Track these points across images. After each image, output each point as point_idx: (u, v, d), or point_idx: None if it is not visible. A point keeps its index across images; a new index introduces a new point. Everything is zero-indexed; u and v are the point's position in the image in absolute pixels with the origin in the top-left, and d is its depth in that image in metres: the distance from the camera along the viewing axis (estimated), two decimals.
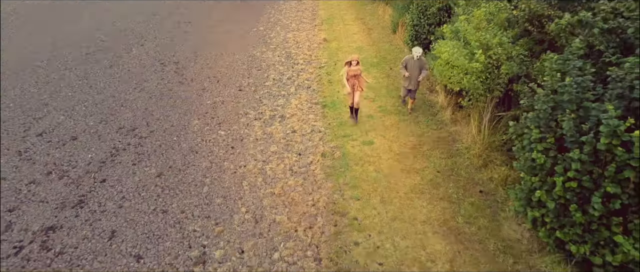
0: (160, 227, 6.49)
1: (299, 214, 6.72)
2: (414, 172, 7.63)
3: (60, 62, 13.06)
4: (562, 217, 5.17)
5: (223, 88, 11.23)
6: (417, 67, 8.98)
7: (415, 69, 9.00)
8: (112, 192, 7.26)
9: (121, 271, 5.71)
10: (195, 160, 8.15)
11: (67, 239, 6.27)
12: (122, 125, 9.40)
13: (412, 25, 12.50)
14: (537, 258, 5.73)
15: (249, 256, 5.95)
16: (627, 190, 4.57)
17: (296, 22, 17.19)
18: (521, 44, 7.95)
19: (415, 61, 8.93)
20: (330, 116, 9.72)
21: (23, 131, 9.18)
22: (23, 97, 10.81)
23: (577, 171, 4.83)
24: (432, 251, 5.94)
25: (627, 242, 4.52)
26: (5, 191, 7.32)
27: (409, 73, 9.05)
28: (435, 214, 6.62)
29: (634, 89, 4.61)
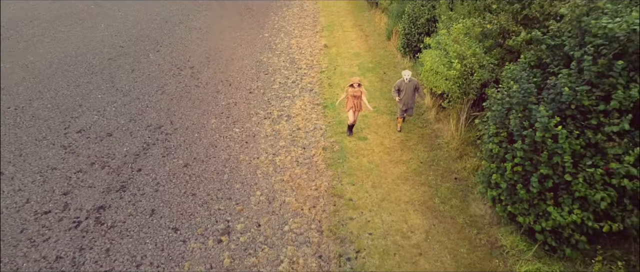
0: (191, 206, 7.94)
1: (304, 196, 8.17)
2: (400, 163, 9.08)
3: (86, 67, 14.50)
4: (513, 195, 6.60)
5: (235, 91, 12.68)
6: (411, 88, 9.63)
7: (409, 90, 9.63)
8: (147, 179, 8.71)
9: (163, 240, 7.16)
10: (216, 153, 9.59)
11: (116, 216, 7.72)
12: (150, 123, 10.85)
13: (404, 34, 13.96)
14: (496, 229, 7.18)
15: (265, 228, 7.39)
16: (557, 172, 6.01)
17: (299, 28, 18.64)
18: (494, 54, 9.40)
19: (408, 83, 9.60)
20: (330, 116, 11.16)
21: (64, 129, 10.62)
22: (58, 98, 12.25)
23: (521, 158, 6.27)
24: (412, 224, 7.39)
25: (556, 211, 5.96)
26: (57, 178, 8.76)
27: (404, 94, 9.64)
28: (417, 196, 8.07)
29: (562, 95, 6.04)
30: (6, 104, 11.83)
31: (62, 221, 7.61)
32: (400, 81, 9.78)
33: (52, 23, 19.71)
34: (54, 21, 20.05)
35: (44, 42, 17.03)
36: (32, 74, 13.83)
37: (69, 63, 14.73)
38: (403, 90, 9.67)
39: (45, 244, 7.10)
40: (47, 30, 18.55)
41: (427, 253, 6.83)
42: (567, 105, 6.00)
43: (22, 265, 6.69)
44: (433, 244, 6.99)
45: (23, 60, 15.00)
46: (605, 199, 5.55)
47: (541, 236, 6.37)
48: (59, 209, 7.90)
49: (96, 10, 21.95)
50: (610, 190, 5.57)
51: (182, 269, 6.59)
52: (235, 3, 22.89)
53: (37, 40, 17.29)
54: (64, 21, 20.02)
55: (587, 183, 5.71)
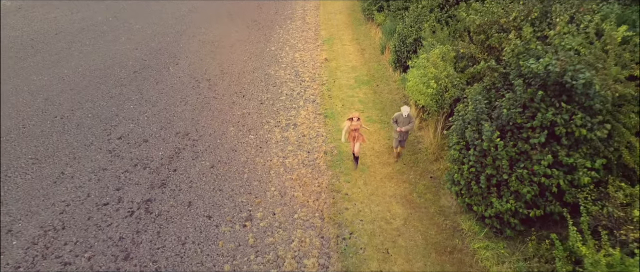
0: (219, 199, 10.06)
1: (309, 191, 10.29)
2: (387, 165, 11.21)
3: (115, 79, 16.62)
4: (469, 190, 8.72)
5: (248, 102, 14.80)
6: (407, 122, 10.55)
7: (405, 124, 10.57)
8: (182, 177, 10.84)
9: (200, 224, 9.29)
10: (236, 156, 11.72)
11: (161, 206, 9.85)
12: (178, 131, 12.98)
13: (395, 51, 16.08)
14: (458, 216, 9.30)
15: (279, 216, 9.52)
16: (499, 172, 8.12)
17: (302, 42, 20.75)
18: (466, 74, 11.50)
19: (405, 118, 10.50)
20: (330, 124, 13.28)
21: (106, 135, 12.75)
22: (96, 108, 14.37)
23: (474, 162, 8.39)
24: (394, 213, 9.52)
25: (497, 202, 8.08)
26: (109, 177, 10.89)
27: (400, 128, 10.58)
28: (399, 191, 10.20)
29: (503, 113, 8.14)
30: (53, 114, 13.95)
31: (119, 210, 9.74)
32: (398, 114, 10.67)
33: (76, 36, 21.82)
34: (77, 34, 22.16)
35: (73, 55, 19.14)
36: (69, 86, 15.94)
37: (100, 76, 16.84)
38: (400, 123, 10.57)
39: (109, 228, 9.23)
40: (73, 44, 20.65)
41: (404, 235, 8.96)
42: (506, 122, 8.12)
43: (94, 243, 8.83)
44: (409, 228, 9.13)
45: (59, 72, 17.11)
46: (530, 192, 7.67)
47: (489, 220, 8.51)
48: (115, 201, 10.03)
49: (115, 23, 24.05)
50: (534, 186, 7.70)
51: (217, 246, 8.73)
52: (243, 16, 24.99)
53: (67, 53, 19.40)
54: (87, 34, 22.12)
55: (519, 180, 7.83)
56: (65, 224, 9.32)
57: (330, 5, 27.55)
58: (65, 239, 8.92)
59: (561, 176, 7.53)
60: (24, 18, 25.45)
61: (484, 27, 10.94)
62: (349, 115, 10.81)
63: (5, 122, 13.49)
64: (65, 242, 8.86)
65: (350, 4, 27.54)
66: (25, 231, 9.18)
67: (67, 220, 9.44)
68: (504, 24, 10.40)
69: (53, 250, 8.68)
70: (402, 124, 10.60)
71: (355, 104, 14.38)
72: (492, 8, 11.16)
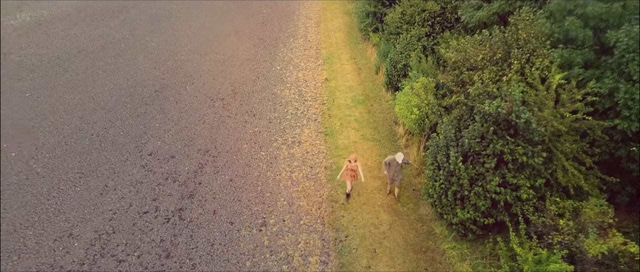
0: (239, 208, 12.36)
1: (312, 202, 12.60)
2: (377, 178, 13.50)
3: (139, 98, 18.90)
4: (440, 202, 11.01)
5: (258, 120, 17.09)
6: (399, 168, 11.70)
7: (397, 167, 11.68)
8: (207, 189, 13.14)
9: (224, 229, 11.58)
10: (250, 171, 14.01)
11: (191, 214, 12.14)
12: (200, 148, 15.27)
13: (387, 74, 18.36)
14: (433, 223, 11.61)
15: (288, 222, 11.82)
16: (462, 189, 10.40)
17: (304, 60, 23.03)
18: (443, 102, 13.75)
19: (399, 164, 11.62)
20: (329, 142, 15.58)
21: (138, 152, 15.04)
22: (125, 127, 16.65)
23: (443, 180, 10.67)
24: (381, 220, 11.82)
25: (461, 212, 10.37)
26: (145, 189, 13.18)
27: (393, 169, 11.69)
28: (386, 202, 12.49)
29: (465, 143, 10.41)
30: (89, 132, 16.23)
31: (157, 218, 12.05)
32: (391, 158, 11.77)
33: (98, 54, 24.09)
34: (99, 52, 24.43)
35: (98, 73, 21.42)
36: (100, 105, 18.23)
37: (125, 95, 19.13)
38: (392, 166, 11.79)
39: (151, 232, 11.54)
40: (96, 62, 22.92)
41: (389, 237, 11.27)
42: (468, 149, 10.41)
43: (141, 245, 11.13)
44: (393, 232, 11.43)
45: (88, 92, 19.40)
46: (485, 205, 9.97)
47: (455, 226, 10.82)
48: (153, 210, 12.34)
49: (132, 40, 26.32)
50: (488, 200, 9.99)
51: (239, 246, 11.03)
52: (250, 34, 27.24)
53: (92, 72, 21.67)
54: (107, 52, 24.39)
55: (476, 196, 10.12)
56: (115, 229, 11.63)
57: (331, 22, 29.81)
58: (117, 241, 11.23)
59: (508, 192, 9.83)
60: (46, 35, 27.71)
61: (457, 63, 13.22)
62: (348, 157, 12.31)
63: (49, 139, 15.78)
64: (117, 243, 11.17)
65: (349, 21, 29.81)
66: (83, 234, 11.48)
67: (116, 225, 11.75)
68: (473, 63, 12.67)
69: (108, 250, 10.99)
70: (394, 167, 11.76)
71: (351, 123, 16.67)
72: (465, 46, 13.43)
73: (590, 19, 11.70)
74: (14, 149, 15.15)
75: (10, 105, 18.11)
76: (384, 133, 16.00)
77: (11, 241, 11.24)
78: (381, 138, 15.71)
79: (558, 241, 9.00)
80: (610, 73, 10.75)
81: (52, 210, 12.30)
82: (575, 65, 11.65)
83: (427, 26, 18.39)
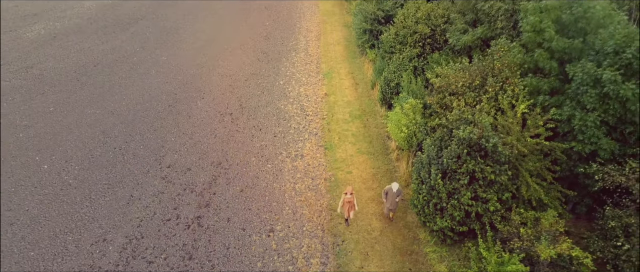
0: (249, 216, 14.27)
1: (313, 210, 14.50)
2: (371, 189, 15.41)
3: (155, 113, 20.78)
4: (424, 211, 12.91)
5: (264, 135, 18.98)
6: (395, 195, 13.06)
7: (394, 196, 13.07)
8: (221, 199, 15.04)
9: (237, 235, 13.49)
10: (258, 182, 15.92)
11: (208, 221, 14.05)
12: (213, 160, 17.17)
13: (381, 90, 20.25)
14: (418, 230, 13.53)
15: (292, 228, 13.73)
16: (441, 201, 12.30)
17: (305, 75, 24.92)
18: (430, 121, 15.63)
19: (395, 192, 13.02)
20: (329, 155, 17.48)
21: (158, 164, 16.94)
22: (144, 141, 18.54)
23: (426, 193, 12.58)
24: (373, 227, 13.73)
25: (440, 220, 12.27)
26: (167, 199, 15.08)
27: (390, 198, 13.12)
28: (378, 210, 14.40)
29: (444, 162, 12.30)
30: (112, 146, 18.14)
31: (179, 224, 13.96)
32: (389, 188, 13.16)
33: (113, 68, 25.97)
34: (113, 66, 26.31)
35: (114, 88, 23.31)
36: (119, 119, 20.13)
37: (141, 109, 21.02)
38: (390, 195, 13.13)
39: (174, 237, 13.45)
40: (111, 76, 24.80)
41: (379, 242, 13.18)
42: (446, 167, 12.31)
43: (166, 248, 13.04)
44: (383, 237, 13.34)
45: (107, 106, 21.29)
46: (459, 215, 11.88)
47: (436, 233, 12.73)
48: (174, 218, 14.25)
49: (143, 54, 28.20)
50: (462, 211, 11.89)
51: (251, 250, 12.94)
52: (253, 47, 29.13)
53: (109, 86, 23.55)
54: (122, 66, 26.27)
55: (453, 207, 12.03)
56: (143, 234, 13.55)
57: (330, 35, 31.69)
58: (145, 245, 13.15)
59: (479, 205, 11.75)
60: (61, 48, 29.59)
61: (441, 88, 15.11)
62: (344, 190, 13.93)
63: (76, 152, 17.68)
64: (146, 247, 13.09)
65: (347, 34, 31.70)
66: (115, 239, 13.40)
67: (144, 231, 13.67)
68: (454, 88, 14.56)
69: (139, 253, 12.90)
70: (391, 198, 13.21)
71: (349, 138, 18.58)
72: (448, 73, 15.31)
73: (555, 52, 13.59)
74: (46, 161, 17.06)
75: (37, 119, 20.01)
76: (378, 147, 17.91)
77: (54, 245, 13.15)
78: (375, 152, 17.61)
79: (518, 246, 10.91)
80: (569, 102, 12.64)
81: (87, 218, 14.21)
82: (542, 92, 13.57)
83: (418, 47, 20.27)
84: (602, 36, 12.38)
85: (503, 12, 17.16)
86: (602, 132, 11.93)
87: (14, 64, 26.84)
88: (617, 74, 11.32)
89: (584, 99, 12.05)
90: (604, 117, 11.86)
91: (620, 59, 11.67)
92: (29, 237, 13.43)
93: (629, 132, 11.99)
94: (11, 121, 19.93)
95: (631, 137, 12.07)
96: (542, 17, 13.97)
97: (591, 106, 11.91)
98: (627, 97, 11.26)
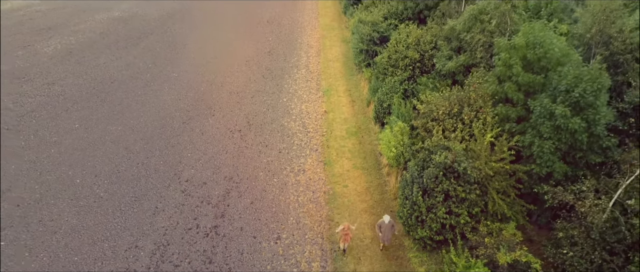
0: (258, 225, 16.74)
1: (314, 220, 16.98)
2: (364, 201, 17.89)
3: (171, 129, 23.24)
4: (408, 222, 15.38)
5: (270, 151, 21.45)
6: (389, 227, 14.78)
7: (388, 227, 14.71)
8: (234, 210, 17.52)
9: (250, 242, 15.97)
10: (266, 195, 18.39)
11: (224, 230, 16.53)
12: (225, 175, 19.64)
13: (375, 110, 22.71)
14: (403, 238, 16.02)
15: (296, 236, 16.21)
16: (421, 214, 14.78)
17: (307, 92, 27.38)
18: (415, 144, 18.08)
19: (387, 224, 14.78)
20: (327, 170, 19.95)
21: (177, 179, 19.41)
22: (163, 156, 21.00)
23: (409, 208, 15.06)
24: (366, 235, 16.23)
25: (421, 231, 14.76)
26: (187, 210, 17.55)
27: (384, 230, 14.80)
28: (370, 220, 16.89)
29: (424, 181, 14.75)
30: (135, 161, 20.60)
31: (199, 233, 16.44)
32: (381, 221, 14.93)
33: (128, 85, 28.43)
34: (128, 83, 28.76)
35: (132, 106, 25.76)
36: (140, 136, 22.59)
37: (158, 126, 23.48)
38: (383, 227, 14.82)
39: (195, 244, 15.93)
40: (128, 93, 27.25)
41: (370, 248, 15.67)
42: (426, 186, 14.79)
43: (189, 253, 15.52)
44: (373, 244, 15.83)
45: (127, 123, 23.75)
46: (436, 227, 14.36)
47: (418, 241, 15.22)
48: (195, 227, 16.72)
49: (155, 70, 30.66)
50: (438, 224, 14.37)
51: (261, 255, 15.43)
52: (258, 63, 31.59)
53: (126, 103, 26.00)
54: (137, 83, 28.72)
55: (431, 220, 14.51)
56: (168, 242, 16.03)
57: (330, 51, 34.15)
58: (172, 251, 15.63)
59: (453, 218, 14.23)
60: (78, 64, 32.05)
61: (425, 114, 17.57)
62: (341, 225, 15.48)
63: (104, 167, 20.15)
64: (172, 253, 15.57)
65: (346, 50, 34.15)
66: (145, 246, 15.87)
67: (169, 239, 16.15)
68: (436, 115, 17.02)
69: (166, 258, 15.38)
70: (386, 230, 14.93)
71: (345, 154, 21.05)
72: (431, 100, 17.74)
73: (522, 85, 16.04)
74: (78, 176, 19.53)
75: (64, 136, 22.47)
76: (371, 162, 20.39)
77: (94, 251, 15.63)
78: (369, 167, 20.09)
79: (483, 253, 13.38)
80: (531, 130, 15.11)
81: (119, 227, 16.69)
82: (511, 120, 16.04)
83: (408, 70, 22.73)
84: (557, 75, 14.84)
85: (482, 43, 19.62)
86: (556, 157, 14.39)
87: (36, 80, 29.33)
88: (567, 110, 13.78)
89: (541, 129, 14.51)
90: (558, 144, 14.32)
91: (570, 97, 14.12)
92: (71, 244, 15.90)
93: (578, 157, 14.46)
94: (41, 137, 22.41)
95: (580, 162, 14.55)
96: (511, 53, 16.43)
97: (547, 135, 14.37)
98: (575, 129, 13.72)
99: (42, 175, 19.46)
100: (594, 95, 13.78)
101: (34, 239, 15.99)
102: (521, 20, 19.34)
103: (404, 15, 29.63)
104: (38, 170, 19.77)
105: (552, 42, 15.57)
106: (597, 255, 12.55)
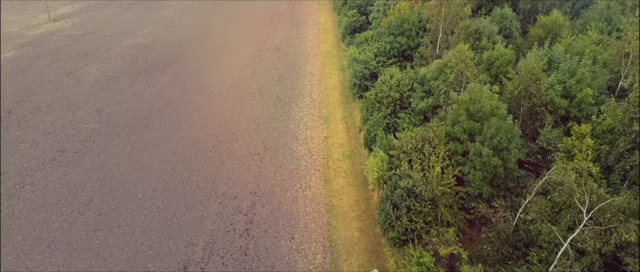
0: (278, 229, 23.90)
1: (317, 225, 24.15)
2: (354, 211, 25.05)
3: (204, 154, 30.33)
4: (383, 226, 22.52)
5: (283, 171, 28.56)
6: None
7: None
8: (260, 217, 24.65)
9: (272, 241, 23.12)
10: (282, 206, 25.52)
11: (253, 232, 23.68)
12: (250, 191, 26.77)
13: (365, 137, 29.85)
14: (381, 238, 23.21)
15: (305, 237, 23.38)
16: (393, 222, 21.92)
17: (311, 119, 34.47)
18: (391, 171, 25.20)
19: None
20: (327, 187, 27.08)
21: (214, 193, 26.51)
22: (202, 175, 28.06)
23: (384, 217, 22.21)
24: (354, 236, 23.41)
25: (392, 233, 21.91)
26: (226, 216, 24.69)
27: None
28: (359, 225, 24.06)
29: (394, 199, 21.84)
30: (180, 179, 27.71)
31: (235, 234, 23.59)
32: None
33: (163, 111, 35.50)
34: (164, 109, 35.84)
35: (169, 132, 32.85)
36: (180, 158, 29.69)
37: (194, 150, 30.57)
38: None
39: (234, 242, 23.10)
40: (164, 120, 34.32)
41: (357, 245, 22.86)
42: (395, 202, 21.94)
43: (231, 248, 22.68)
44: (360, 242, 23.02)
45: (169, 147, 30.84)
46: (402, 230, 21.52)
47: (390, 240, 22.40)
48: (232, 230, 23.87)
49: (184, 98, 37.72)
50: (402, 228, 21.52)
51: (281, 250, 22.58)
52: (269, 92, 38.67)
53: (165, 129, 33.08)
54: (170, 110, 35.80)
55: (398, 225, 21.65)
56: (214, 240, 23.17)
57: (329, 79, 41.23)
58: (218, 247, 22.77)
59: (413, 224, 21.38)
60: (118, 91, 39.16)
61: (399, 147, 24.68)
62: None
63: (158, 184, 27.27)
64: (218, 248, 22.71)
65: (342, 77, 41.22)
66: (198, 244, 23.01)
67: (214, 238, 23.29)
68: (405, 149, 24.12)
69: (214, 251, 22.52)
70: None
71: (341, 173, 28.18)
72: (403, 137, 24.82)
73: (466, 129, 23.16)
74: (140, 191, 26.66)
75: (121, 158, 29.58)
76: (360, 181, 27.52)
77: (162, 247, 22.75)
78: (358, 184, 27.24)
79: (431, 248, 20.53)
80: (469, 163, 22.26)
81: (177, 230, 23.82)
82: (458, 154, 23.18)
83: (391, 107, 29.83)
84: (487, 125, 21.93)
85: (444, 91, 26.73)
86: (485, 182, 21.53)
87: (86, 107, 36.47)
88: (490, 151, 20.91)
89: (475, 163, 21.65)
90: (485, 174, 21.45)
91: (492, 142, 21.23)
92: (145, 243, 23.03)
93: (500, 182, 21.61)
94: (104, 160, 29.54)
95: (501, 186, 21.71)
96: (460, 104, 23.56)
97: (478, 167, 21.52)
98: (495, 164, 20.84)
99: (112, 191, 26.60)
100: (508, 141, 20.93)
101: (117, 238, 23.15)
102: (472, 76, 26.42)
103: (391, 53, 36.77)
104: (108, 187, 26.91)
105: (485, 100, 22.70)
106: (505, 250, 19.74)
